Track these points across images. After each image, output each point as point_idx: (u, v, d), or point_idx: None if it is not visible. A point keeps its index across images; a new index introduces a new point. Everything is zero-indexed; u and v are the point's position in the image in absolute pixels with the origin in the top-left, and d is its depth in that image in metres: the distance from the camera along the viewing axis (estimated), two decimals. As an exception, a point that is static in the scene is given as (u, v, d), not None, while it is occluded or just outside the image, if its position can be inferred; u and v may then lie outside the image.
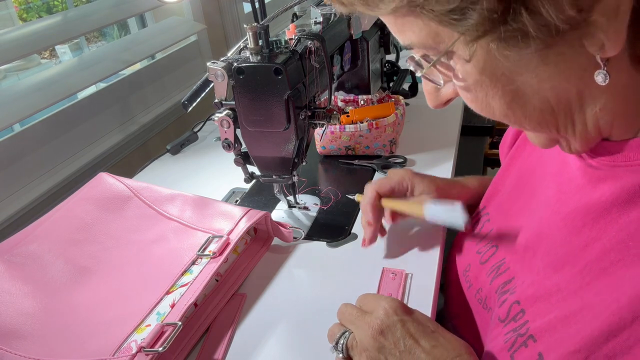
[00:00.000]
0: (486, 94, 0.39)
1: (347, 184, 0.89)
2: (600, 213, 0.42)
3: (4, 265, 0.64)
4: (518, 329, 0.45)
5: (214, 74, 0.66)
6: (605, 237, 0.41)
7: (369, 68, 1.04)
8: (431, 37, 0.37)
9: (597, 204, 0.42)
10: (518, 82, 0.37)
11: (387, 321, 0.49)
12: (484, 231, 0.62)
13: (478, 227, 0.63)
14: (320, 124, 0.74)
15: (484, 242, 0.60)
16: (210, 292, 0.64)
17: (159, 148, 1.14)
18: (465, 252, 0.64)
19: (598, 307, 0.38)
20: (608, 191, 0.41)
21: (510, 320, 0.47)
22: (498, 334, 0.48)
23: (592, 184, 0.44)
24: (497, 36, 0.34)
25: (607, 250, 0.40)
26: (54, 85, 0.95)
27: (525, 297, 0.46)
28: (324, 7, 0.81)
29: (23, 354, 0.53)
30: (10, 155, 0.88)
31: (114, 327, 0.56)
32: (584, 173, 0.45)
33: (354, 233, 0.76)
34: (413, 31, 0.38)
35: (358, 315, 0.51)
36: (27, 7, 2.46)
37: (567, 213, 0.46)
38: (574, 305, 0.41)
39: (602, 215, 0.42)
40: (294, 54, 0.66)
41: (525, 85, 0.37)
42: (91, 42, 2.54)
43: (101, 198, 0.75)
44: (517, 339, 0.44)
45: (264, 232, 0.74)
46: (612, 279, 0.38)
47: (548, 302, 0.43)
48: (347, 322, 0.52)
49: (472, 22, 0.33)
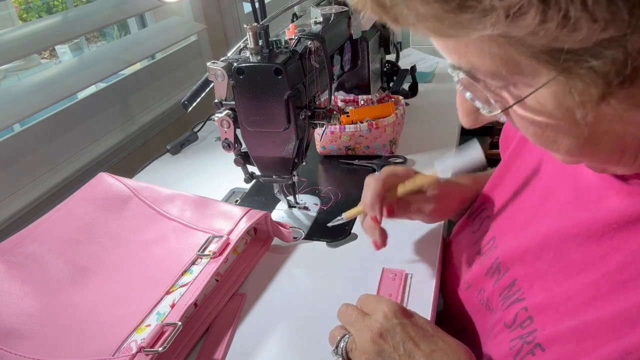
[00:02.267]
0: (559, 131, 0.34)
1: (347, 184, 0.89)
2: (624, 225, 0.40)
3: (4, 265, 0.64)
4: (525, 337, 0.44)
5: (214, 74, 0.66)
6: (627, 249, 0.39)
7: (369, 68, 1.04)
8: (506, 66, 0.32)
9: (622, 215, 0.41)
10: (603, 125, 0.33)
11: (386, 324, 0.48)
12: (483, 229, 0.61)
13: (477, 225, 0.63)
14: (320, 124, 0.74)
15: (484, 241, 0.59)
16: (210, 292, 0.64)
17: (159, 148, 1.14)
18: (464, 252, 0.63)
19: (615, 323, 0.37)
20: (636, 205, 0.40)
21: (517, 327, 0.46)
22: (502, 340, 0.47)
23: (619, 196, 0.42)
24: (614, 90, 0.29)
25: (628, 263, 0.39)
26: (54, 85, 0.95)
27: (534, 303, 0.46)
28: (324, 7, 0.82)
29: (23, 354, 0.53)
30: (10, 155, 0.88)
31: (114, 327, 0.56)
32: (609, 184, 0.43)
33: (354, 233, 0.76)
34: (479, 56, 0.32)
35: (358, 317, 0.51)
36: (27, 7, 2.46)
37: (584, 220, 0.44)
38: (587, 316, 0.40)
39: (627, 227, 0.40)
40: (294, 54, 0.66)
41: (607, 127, 0.33)
42: (91, 42, 2.54)
43: (101, 198, 0.75)
44: (524, 347, 0.44)
45: (264, 232, 0.74)
46: (631, 295, 0.37)
47: (557, 311, 0.43)
48: (347, 323, 0.52)
49: (589, 75, 0.29)
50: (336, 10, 0.84)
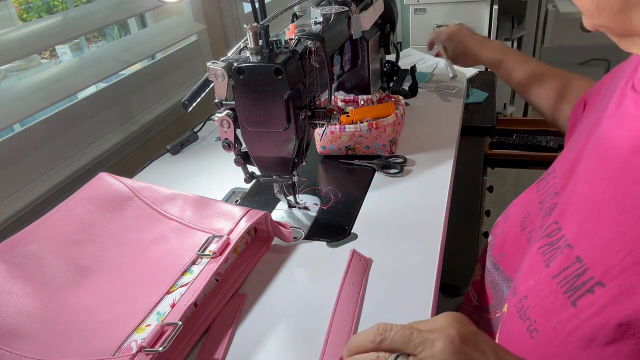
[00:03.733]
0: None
1: (347, 184, 0.89)
2: None
3: (4, 265, 0.64)
4: (555, 243, 0.47)
5: (214, 74, 0.66)
6: None
7: (369, 68, 1.04)
8: None
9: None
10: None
11: (463, 330, 0.40)
12: (548, 186, 0.61)
13: (543, 184, 0.63)
14: (320, 124, 0.74)
15: (547, 194, 0.60)
16: (210, 292, 0.64)
17: (159, 148, 1.14)
18: (527, 204, 0.64)
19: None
20: None
21: (544, 236, 0.49)
22: (535, 253, 0.50)
23: None
24: None
25: None
26: (54, 85, 0.95)
27: (564, 216, 0.49)
28: (324, 7, 0.82)
29: (23, 354, 0.53)
30: (11, 155, 0.88)
31: (114, 327, 0.56)
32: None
33: (354, 233, 0.76)
34: None
35: (414, 331, 0.40)
36: (27, 7, 2.46)
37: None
38: (610, 215, 0.43)
39: None
40: (294, 54, 0.66)
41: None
42: (91, 42, 2.54)
43: (101, 198, 0.75)
44: (555, 251, 0.47)
45: (264, 232, 0.74)
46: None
47: (583, 215, 0.46)
48: (398, 344, 0.40)
49: None
50: (336, 10, 0.84)
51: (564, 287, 0.44)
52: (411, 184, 0.87)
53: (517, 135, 1.73)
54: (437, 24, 2.34)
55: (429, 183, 0.86)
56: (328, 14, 0.81)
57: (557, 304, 0.44)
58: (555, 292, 0.45)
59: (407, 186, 0.86)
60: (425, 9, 2.34)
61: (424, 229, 0.74)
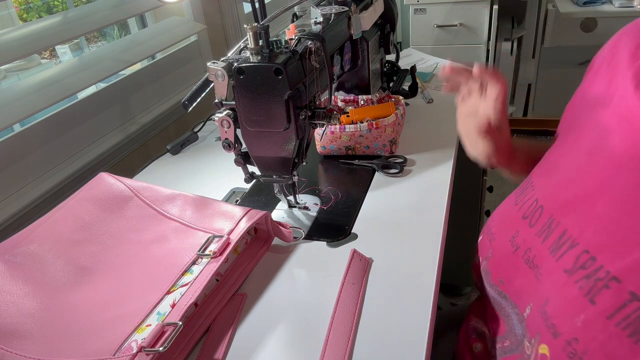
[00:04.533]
0: None
1: (347, 184, 0.89)
2: None
3: (4, 265, 0.64)
4: (592, 275, 0.44)
5: (214, 74, 0.67)
6: None
7: (369, 68, 1.04)
8: None
9: None
10: None
11: None
12: (526, 198, 0.60)
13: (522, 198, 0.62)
14: (320, 124, 0.74)
15: (527, 207, 0.59)
16: (210, 292, 0.64)
17: (159, 148, 1.14)
18: (509, 221, 0.62)
19: None
20: None
21: (579, 269, 0.46)
22: (564, 284, 0.47)
23: None
24: None
25: None
26: (54, 85, 0.95)
27: (595, 244, 0.45)
28: (324, 7, 0.82)
29: (23, 354, 0.53)
30: (10, 155, 0.88)
31: (114, 327, 0.56)
32: None
33: (354, 233, 0.76)
34: None
35: None
36: (27, 7, 2.46)
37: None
38: None
39: None
40: (294, 54, 0.66)
41: None
42: (91, 42, 2.54)
43: (101, 198, 0.75)
44: (596, 284, 0.43)
45: (264, 232, 0.74)
46: None
47: (624, 245, 0.43)
48: None
49: None
50: (336, 10, 0.84)
51: (626, 330, 0.40)
52: (411, 184, 0.87)
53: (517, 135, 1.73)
54: (437, 24, 2.34)
55: (429, 183, 0.86)
56: (328, 14, 0.81)
57: (624, 350, 0.41)
58: (617, 337, 0.41)
59: (407, 186, 0.87)
60: (425, 9, 2.34)
61: (424, 229, 0.74)
